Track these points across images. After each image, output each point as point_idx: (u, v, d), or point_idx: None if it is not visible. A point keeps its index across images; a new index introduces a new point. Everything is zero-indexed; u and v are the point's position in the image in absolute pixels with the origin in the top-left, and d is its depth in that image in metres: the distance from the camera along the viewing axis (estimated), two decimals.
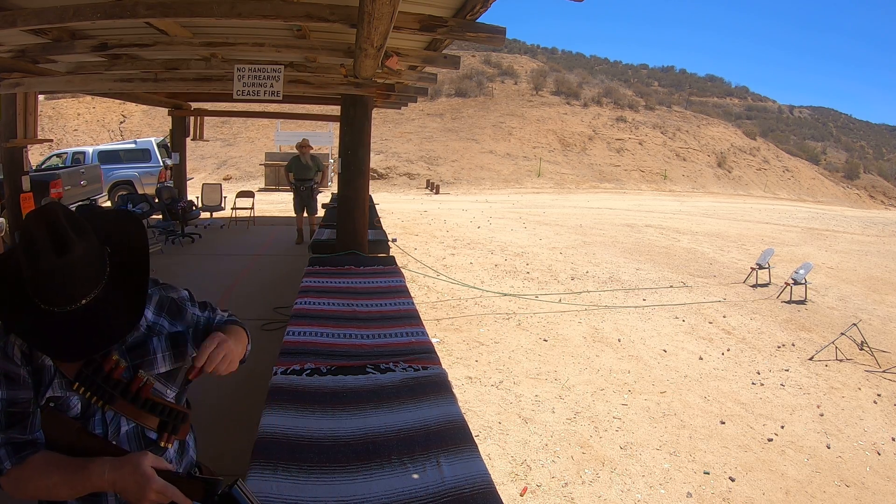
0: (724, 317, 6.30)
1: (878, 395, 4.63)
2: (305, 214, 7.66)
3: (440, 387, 2.24)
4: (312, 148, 7.99)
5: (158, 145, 11.91)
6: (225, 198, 9.51)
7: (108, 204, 10.45)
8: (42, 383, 0.94)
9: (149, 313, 1.07)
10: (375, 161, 18.24)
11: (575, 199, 17.67)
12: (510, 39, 34.37)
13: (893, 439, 3.94)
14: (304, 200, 7.53)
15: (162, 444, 1.03)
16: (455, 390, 2.31)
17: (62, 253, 0.88)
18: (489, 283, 6.82)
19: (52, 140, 18.09)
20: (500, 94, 26.73)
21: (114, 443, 0.97)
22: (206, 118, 10.13)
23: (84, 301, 0.91)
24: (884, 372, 5.09)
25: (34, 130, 5.29)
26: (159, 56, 4.60)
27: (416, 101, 8.35)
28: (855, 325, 5.69)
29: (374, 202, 7.62)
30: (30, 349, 0.94)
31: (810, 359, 5.26)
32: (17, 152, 5.19)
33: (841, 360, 5.28)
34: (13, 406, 0.92)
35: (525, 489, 2.93)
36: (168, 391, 1.07)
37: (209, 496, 0.87)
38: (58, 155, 11.57)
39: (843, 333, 5.57)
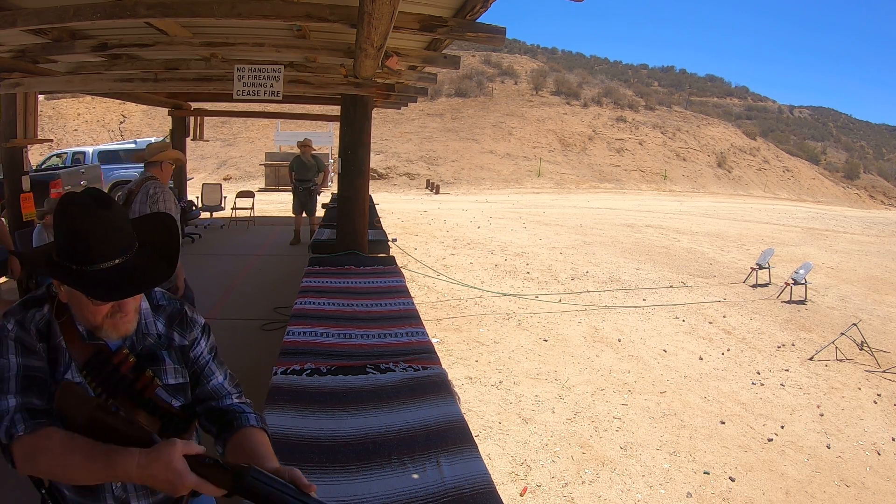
0: (724, 317, 6.29)
1: (878, 395, 4.63)
2: (304, 215, 7.64)
3: (440, 387, 2.24)
4: (315, 148, 7.98)
5: None
6: (225, 198, 9.51)
7: None
8: (58, 363, 0.95)
9: (160, 326, 1.07)
10: (375, 161, 18.23)
11: (575, 199, 17.67)
12: (510, 39, 34.37)
13: (893, 439, 3.94)
14: (303, 201, 7.51)
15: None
16: (455, 390, 2.31)
17: (104, 207, 0.93)
18: (489, 283, 6.82)
19: (52, 140, 18.08)
20: (500, 94, 26.73)
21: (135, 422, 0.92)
22: (206, 118, 10.12)
23: (118, 261, 0.94)
24: (884, 372, 5.09)
25: (34, 130, 5.28)
26: (159, 56, 4.59)
27: (416, 101, 8.34)
28: (855, 325, 5.69)
29: (374, 202, 7.62)
30: (46, 327, 0.96)
31: (810, 359, 5.26)
32: (17, 152, 5.18)
33: (841, 360, 5.28)
34: (31, 370, 0.91)
35: (525, 489, 2.93)
36: (174, 401, 1.05)
37: (237, 484, 0.84)
38: (58, 155, 11.57)
39: (843, 333, 5.57)
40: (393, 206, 13.07)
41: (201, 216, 8.83)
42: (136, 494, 1.02)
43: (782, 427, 3.91)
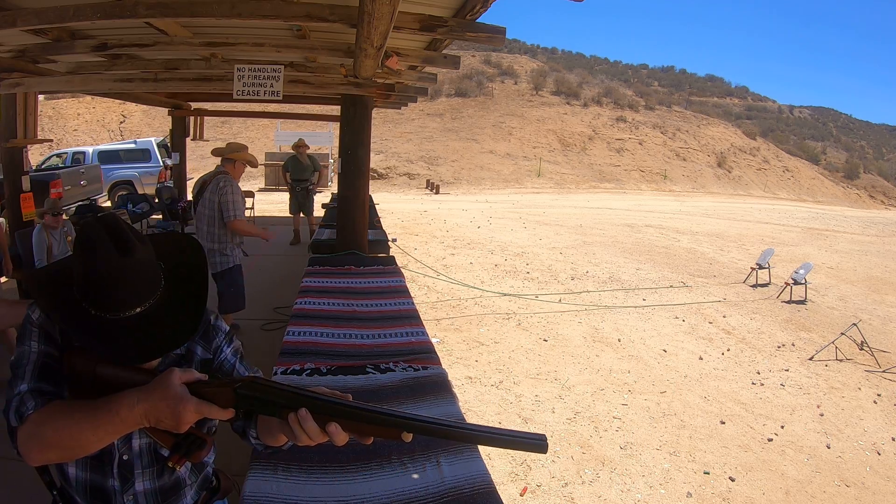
0: (724, 317, 6.29)
1: (878, 395, 4.63)
2: (302, 215, 7.63)
3: (440, 387, 2.24)
4: (309, 147, 7.96)
5: (158, 145, 11.91)
6: None
7: (108, 204, 10.45)
8: None
9: None
10: (375, 161, 18.23)
11: (575, 199, 17.67)
12: (510, 39, 34.37)
13: (893, 439, 3.94)
14: (301, 201, 7.50)
15: (170, 464, 0.94)
16: (455, 390, 2.31)
17: (125, 253, 0.85)
18: (489, 283, 6.82)
19: (52, 140, 18.08)
20: (500, 94, 26.73)
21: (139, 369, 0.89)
22: (206, 118, 10.13)
23: (139, 309, 0.88)
24: (884, 372, 5.09)
25: (34, 130, 5.28)
26: (159, 56, 4.59)
27: (416, 101, 8.34)
28: (855, 325, 5.69)
29: (374, 202, 7.62)
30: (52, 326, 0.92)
31: (810, 359, 5.26)
32: (17, 152, 5.18)
33: (841, 360, 5.28)
34: (48, 358, 0.89)
35: (525, 489, 2.93)
36: None
37: (240, 396, 0.82)
38: (58, 155, 11.57)
39: (843, 333, 5.57)
40: (393, 206, 13.07)
41: None
42: (147, 503, 1.01)
43: (782, 427, 3.91)
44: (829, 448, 3.71)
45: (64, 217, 4.55)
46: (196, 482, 1.11)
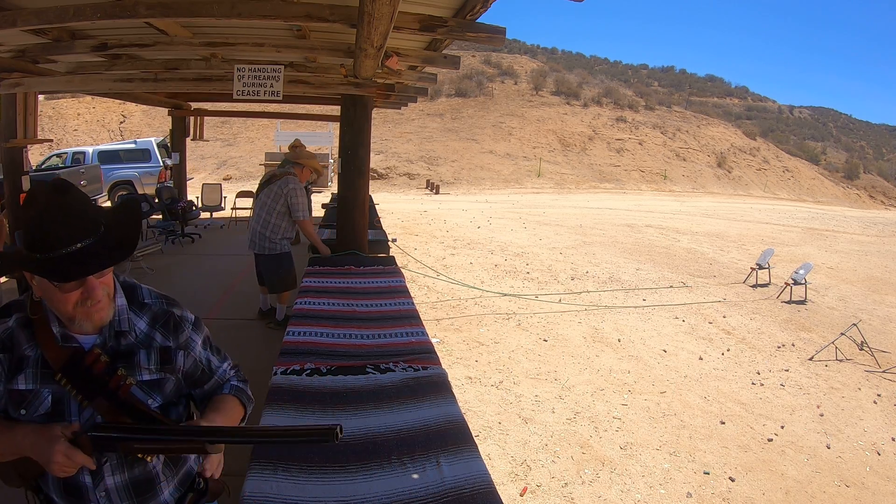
0: (724, 317, 6.30)
1: (878, 396, 4.63)
2: None
3: (440, 387, 2.24)
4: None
5: (158, 145, 11.91)
6: (225, 198, 9.51)
7: (108, 204, 10.45)
8: (20, 370, 0.97)
9: (142, 325, 1.07)
10: (375, 161, 18.24)
11: (575, 200, 17.67)
12: (510, 39, 34.37)
13: (893, 439, 3.94)
14: None
15: (140, 455, 1.00)
16: (455, 390, 2.31)
17: (62, 193, 0.96)
18: (489, 284, 6.82)
19: (52, 140, 18.09)
20: (500, 94, 26.73)
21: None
22: (206, 118, 10.12)
23: (79, 245, 0.94)
24: (884, 372, 5.09)
25: (34, 130, 5.28)
26: (159, 56, 4.59)
27: (416, 101, 8.34)
28: (855, 325, 5.70)
29: (374, 202, 7.61)
30: (10, 338, 0.98)
31: (810, 359, 5.26)
32: (17, 152, 5.18)
33: (841, 360, 5.28)
34: None
35: (525, 489, 2.93)
36: (151, 400, 1.04)
37: (90, 440, 0.93)
38: (58, 155, 11.57)
39: (843, 333, 5.58)
40: (393, 206, 13.07)
41: (201, 216, 8.83)
42: (120, 498, 1.03)
43: (782, 427, 3.91)
44: (828, 448, 3.71)
45: None
46: (173, 478, 1.11)
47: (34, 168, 10.09)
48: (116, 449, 0.97)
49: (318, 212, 7.86)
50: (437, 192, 17.66)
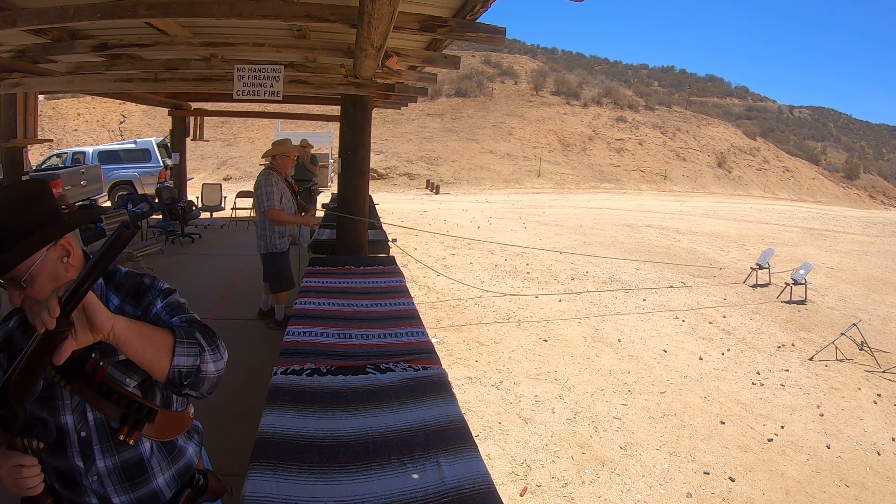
0: (724, 317, 6.29)
1: (878, 396, 4.63)
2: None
3: (440, 387, 2.24)
4: (312, 147, 7.97)
5: (158, 145, 11.91)
6: (225, 198, 9.51)
7: (108, 204, 10.45)
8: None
9: (115, 299, 1.08)
10: (375, 161, 18.24)
11: (575, 200, 17.67)
12: (510, 39, 34.38)
13: (893, 439, 3.94)
14: (304, 200, 7.50)
15: (122, 437, 1.00)
16: (455, 390, 2.31)
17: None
18: (489, 283, 6.82)
19: (52, 140, 18.08)
20: (500, 94, 26.73)
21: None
22: (206, 118, 10.14)
23: None
24: (884, 372, 5.09)
25: (34, 130, 5.28)
26: (159, 56, 4.59)
27: (416, 101, 8.34)
28: (855, 325, 5.70)
29: (374, 202, 7.62)
30: (9, 338, 1.01)
31: (810, 359, 5.26)
32: (17, 152, 5.19)
33: (841, 360, 5.28)
34: None
35: (525, 489, 2.93)
36: (128, 380, 1.03)
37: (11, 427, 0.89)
38: (58, 155, 11.57)
39: (843, 333, 5.58)
40: (393, 206, 13.07)
41: (201, 216, 8.83)
42: (115, 489, 1.04)
43: (782, 427, 3.91)
44: (829, 448, 3.71)
45: None
46: (167, 465, 1.11)
47: (34, 168, 10.09)
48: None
49: (317, 212, 7.87)
50: (437, 192, 17.66)
